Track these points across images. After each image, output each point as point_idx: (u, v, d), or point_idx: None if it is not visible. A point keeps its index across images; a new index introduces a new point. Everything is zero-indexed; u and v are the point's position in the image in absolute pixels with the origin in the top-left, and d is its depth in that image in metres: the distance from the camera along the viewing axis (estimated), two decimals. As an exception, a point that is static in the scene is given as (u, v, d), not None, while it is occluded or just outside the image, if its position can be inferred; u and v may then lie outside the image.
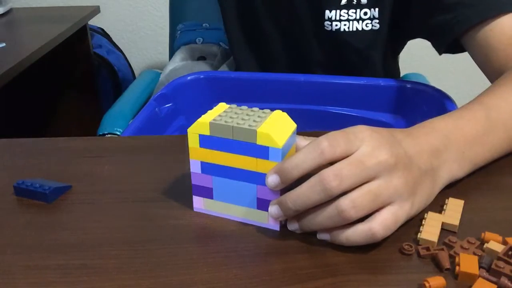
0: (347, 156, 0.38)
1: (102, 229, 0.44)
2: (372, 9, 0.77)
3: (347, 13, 0.78)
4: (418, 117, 0.78)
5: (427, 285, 0.36)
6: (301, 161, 0.38)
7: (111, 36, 1.77)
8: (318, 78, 0.82)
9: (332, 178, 0.37)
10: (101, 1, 1.68)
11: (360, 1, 0.77)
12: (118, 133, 1.01)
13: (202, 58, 1.18)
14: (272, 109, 0.43)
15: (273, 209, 0.40)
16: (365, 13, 0.78)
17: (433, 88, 0.78)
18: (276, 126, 0.40)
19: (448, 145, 0.46)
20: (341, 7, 0.78)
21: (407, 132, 0.44)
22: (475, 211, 0.45)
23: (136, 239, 0.42)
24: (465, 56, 0.91)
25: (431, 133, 0.46)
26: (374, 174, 0.38)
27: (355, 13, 0.78)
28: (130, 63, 1.77)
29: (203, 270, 0.38)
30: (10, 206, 0.47)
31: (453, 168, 0.46)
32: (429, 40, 0.74)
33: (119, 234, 0.43)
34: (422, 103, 0.78)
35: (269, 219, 0.42)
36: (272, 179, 0.40)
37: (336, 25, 0.79)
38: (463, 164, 0.47)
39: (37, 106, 1.69)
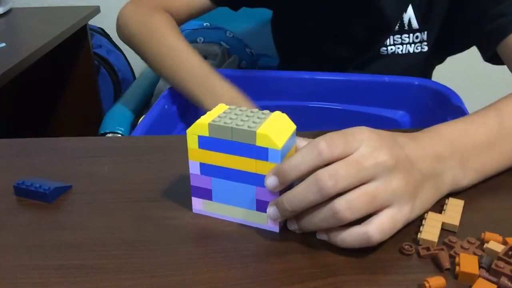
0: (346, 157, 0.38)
1: (102, 229, 0.44)
2: (422, 33, 0.83)
3: (400, 37, 0.84)
4: (424, 113, 0.78)
5: (427, 285, 0.36)
6: (299, 162, 0.38)
7: (111, 36, 1.77)
8: (323, 75, 0.83)
9: (327, 178, 0.37)
10: (101, 1, 1.68)
11: (412, 26, 0.82)
12: (120, 131, 1.01)
13: (203, 57, 1.18)
14: (278, 106, 0.43)
15: (271, 210, 0.40)
16: (417, 37, 0.83)
17: (438, 84, 0.78)
18: (275, 127, 0.40)
19: (453, 152, 0.45)
20: (395, 33, 0.83)
21: (410, 136, 0.44)
22: (475, 211, 0.45)
23: (136, 239, 0.42)
24: (466, 56, 0.92)
25: (436, 138, 0.45)
26: (371, 175, 0.38)
27: (408, 37, 0.83)
28: (130, 63, 1.77)
29: (203, 270, 0.38)
30: (10, 206, 0.47)
31: (457, 175, 0.45)
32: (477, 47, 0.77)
33: (119, 234, 0.43)
34: (428, 99, 0.78)
35: (268, 220, 0.42)
36: (271, 181, 0.40)
37: (391, 49, 0.84)
38: (468, 173, 0.46)
39: (37, 106, 1.69)
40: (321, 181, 0.37)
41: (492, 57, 0.72)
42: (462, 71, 1.68)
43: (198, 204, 0.45)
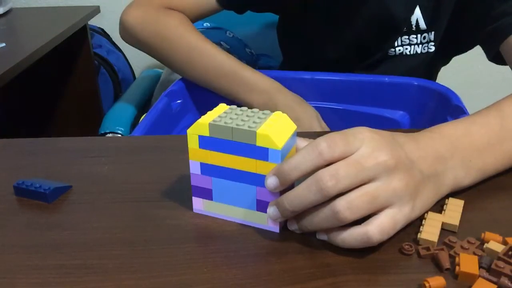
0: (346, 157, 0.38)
1: (102, 229, 0.44)
2: (430, 33, 0.83)
3: (408, 38, 0.83)
4: (423, 113, 0.78)
5: (427, 285, 0.36)
6: (299, 163, 0.38)
7: (111, 36, 1.77)
8: (324, 75, 0.83)
9: (328, 178, 0.37)
10: (101, 1, 1.68)
11: (419, 27, 0.82)
12: (120, 131, 1.01)
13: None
14: None
15: (271, 210, 0.40)
16: (424, 37, 0.83)
17: (438, 84, 0.78)
18: (276, 128, 0.40)
19: (454, 152, 0.44)
20: (403, 34, 0.83)
21: (411, 136, 0.44)
22: (475, 211, 0.45)
23: (136, 239, 0.42)
24: (465, 56, 0.92)
25: (437, 138, 0.45)
26: (372, 175, 0.38)
27: (416, 37, 0.83)
28: (130, 63, 1.77)
29: (203, 270, 0.38)
30: (10, 206, 0.47)
31: (459, 175, 0.45)
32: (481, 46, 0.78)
33: (119, 234, 0.43)
34: (427, 99, 0.78)
35: (268, 220, 0.42)
36: (271, 181, 0.40)
37: (399, 50, 0.84)
38: (469, 172, 0.45)
39: (37, 106, 1.69)
40: (322, 181, 0.37)
41: (495, 56, 0.72)
42: (462, 71, 1.68)
43: (199, 204, 0.45)
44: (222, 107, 0.44)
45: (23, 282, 0.38)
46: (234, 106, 0.44)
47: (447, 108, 0.73)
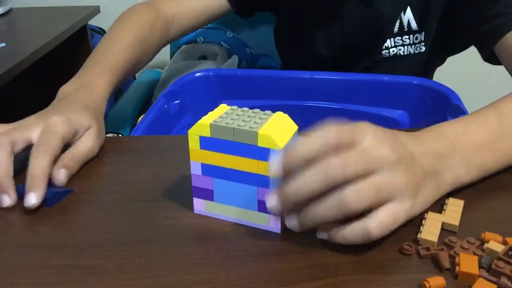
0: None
1: (102, 229, 0.44)
2: (421, 34, 0.83)
3: (401, 39, 0.84)
4: (423, 112, 0.78)
5: (427, 285, 0.36)
6: (307, 145, 0.38)
7: (111, 36, 1.76)
8: (324, 75, 0.83)
9: (334, 164, 0.37)
10: (101, 1, 1.68)
11: (411, 27, 0.82)
12: (120, 131, 1.01)
13: (203, 57, 1.18)
14: (278, 106, 0.43)
15: (271, 200, 0.39)
16: (416, 38, 0.84)
17: (437, 83, 0.78)
18: (277, 128, 0.40)
19: (453, 150, 0.45)
20: (395, 35, 0.83)
21: (412, 135, 0.44)
22: (475, 211, 0.45)
23: (136, 239, 0.42)
24: (465, 56, 0.92)
25: (437, 138, 0.45)
26: (375, 168, 0.38)
27: (408, 38, 0.84)
28: (130, 63, 1.77)
29: (203, 270, 0.38)
30: (10, 206, 0.47)
31: (459, 173, 0.45)
32: (476, 47, 0.78)
33: (119, 234, 0.43)
34: (427, 98, 0.78)
35: (270, 221, 0.42)
36: (274, 166, 0.39)
37: (393, 51, 0.85)
38: (469, 170, 0.46)
39: (37, 106, 1.68)
40: (329, 168, 0.37)
41: (491, 57, 0.72)
42: (462, 71, 1.68)
43: (200, 205, 0.45)
44: (223, 108, 0.44)
45: (23, 282, 0.38)
46: (235, 107, 0.44)
47: (447, 107, 0.73)
